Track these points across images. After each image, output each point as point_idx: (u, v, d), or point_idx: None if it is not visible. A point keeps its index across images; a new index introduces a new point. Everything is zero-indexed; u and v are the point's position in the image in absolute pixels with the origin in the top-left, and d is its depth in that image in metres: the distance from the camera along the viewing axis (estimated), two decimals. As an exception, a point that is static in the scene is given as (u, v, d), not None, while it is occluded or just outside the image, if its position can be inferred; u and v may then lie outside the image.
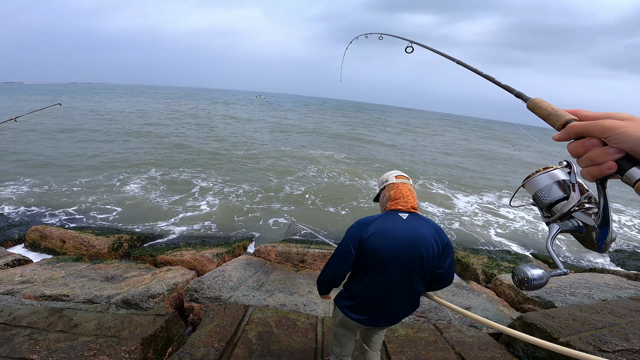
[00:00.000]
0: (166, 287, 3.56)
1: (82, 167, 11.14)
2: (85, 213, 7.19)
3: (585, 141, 0.52)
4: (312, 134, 25.84)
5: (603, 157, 0.50)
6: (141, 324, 2.67)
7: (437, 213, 9.97)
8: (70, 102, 38.09)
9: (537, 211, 0.79)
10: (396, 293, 1.69)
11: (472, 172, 17.16)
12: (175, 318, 3.12)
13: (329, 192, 10.84)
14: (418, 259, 1.62)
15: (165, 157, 13.63)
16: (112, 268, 3.99)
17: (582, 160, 0.53)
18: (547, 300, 3.65)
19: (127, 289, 3.43)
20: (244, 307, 3.08)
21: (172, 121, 26.45)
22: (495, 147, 32.37)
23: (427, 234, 1.64)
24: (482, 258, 5.71)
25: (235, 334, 2.78)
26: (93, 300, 3.16)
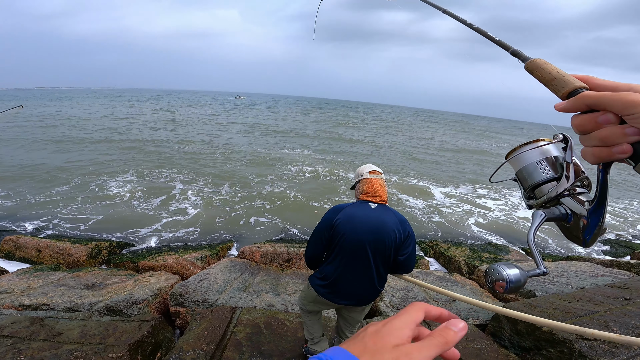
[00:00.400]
0: (150, 293, 3.56)
1: (52, 175, 10.78)
2: (60, 222, 7.00)
3: (597, 115, 0.44)
4: (289, 134, 26.00)
5: (618, 138, 0.43)
6: (127, 330, 2.68)
7: (418, 206, 10.33)
8: (35, 108, 36.70)
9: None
10: (361, 275, 1.92)
11: (448, 166, 17.73)
12: (162, 323, 3.14)
13: (310, 188, 11.08)
14: (381, 244, 1.86)
15: (140, 161, 13.39)
16: (92, 276, 3.94)
17: (589, 138, 0.46)
18: (529, 289, 3.87)
19: (109, 296, 3.41)
20: (231, 309, 3.13)
21: (145, 124, 25.82)
22: (470, 140, 33.47)
23: (390, 223, 1.88)
24: (464, 250, 5.94)
25: (224, 336, 2.83)
26: (74, 308, 3.12)
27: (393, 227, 1.87)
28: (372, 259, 1.89)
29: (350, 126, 36.77)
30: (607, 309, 3.14)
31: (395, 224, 1.89)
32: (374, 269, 1.91)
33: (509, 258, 5.74)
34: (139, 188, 9.77)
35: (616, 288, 3.50)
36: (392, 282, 4.25)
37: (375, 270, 1.92)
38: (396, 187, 12.03)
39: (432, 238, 7.45)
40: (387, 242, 1.86)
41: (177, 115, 36.61)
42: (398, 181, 13.04)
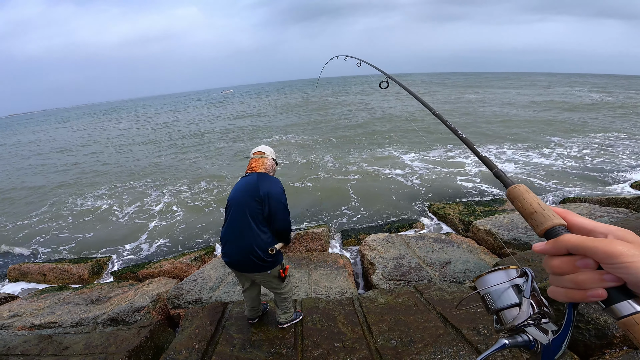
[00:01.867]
0: (150, 299, 4.10)
1: (29, 198, 11.74)
2: (53, 243, 7.72)
3: (576, 260, 0.49)
4: (268, 121, 26.40)
5: (595, 283, 0.47)
6: (126, 337, 3.20)
7: (397, 173, 10.66)
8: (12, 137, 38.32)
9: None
10: (240, 228, 2.60)
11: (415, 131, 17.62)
12: (161, 327, 3.66)
13: (289, 172, 11.67)
14: (244, 200, 2.60)
15: (117, 173, 14.21)
16: (95, 291, 4.54)
17: (563, 280, 0.51)
18: (524, 241, 4.06)
19: (111, 308, 3.97)
20: (222, 304, 3.58)
21: (122, 138, 26.44)
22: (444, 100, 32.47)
23: (252, 184, 2.61)
24: (457, 207, 6.14)
25: (216, 332, 3.28)
26: (80, 322, 3.68)
27: (252, 189, 2.58)
28: (244, 214, 2.59)
29: (326, 106, 36.07)
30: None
31: (256, 185, 2.59)
32: (249, 223, 2.58)
33: (504, 208, 5.87)
34: (119, 200, 10.48)
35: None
36: (385, 252, 4.58)
37: (250, 225, 2.58)
38: (370, 162, 12.39)
39: (424, 199, 7.63)
40: (246, 198, 2.59)
41: (157, 124, 36.93)
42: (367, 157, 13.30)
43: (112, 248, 7.25)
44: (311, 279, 4.38)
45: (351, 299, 3.73)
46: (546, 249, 0.53)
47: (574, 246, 0.49)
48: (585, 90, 40.58)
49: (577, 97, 31.71)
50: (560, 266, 0.51)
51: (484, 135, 15.72)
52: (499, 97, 32.06)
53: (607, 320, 2.38)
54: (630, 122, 18.03)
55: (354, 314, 3.42)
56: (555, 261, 0.52)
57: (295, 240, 5.30)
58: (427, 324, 3.13)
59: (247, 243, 2.59)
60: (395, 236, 5.09)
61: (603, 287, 0.47)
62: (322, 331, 3.20)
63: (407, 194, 8.76)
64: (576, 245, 0.49)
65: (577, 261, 0.49)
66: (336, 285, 4.18)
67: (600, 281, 0.47)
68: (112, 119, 47.27)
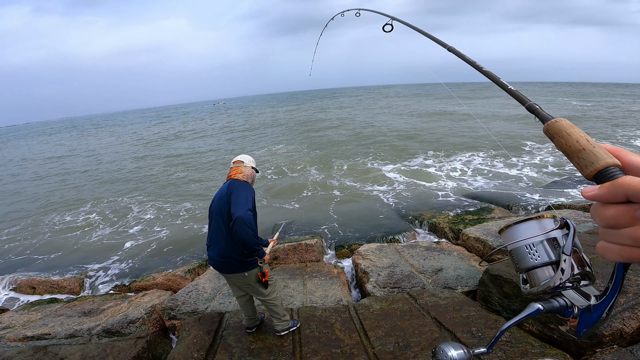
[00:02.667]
0: (144, 311, 4.09)
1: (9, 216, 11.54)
2: (40, 262, 7.53)
3: (636, 209, 0.40)
4: (257, 133, 26.71)
5: None
6: (123, 348, 3.20)
7: (380, 189, 10.84)
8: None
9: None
10: (218, 234, 2.79)
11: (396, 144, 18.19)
12: (158, 337, 3.66)
13: (279, 187, 11.86)
14: (219, 210, 2.75)
15: (103, 188, 14.11)
16: (87, 303, 4.49)
17: (619, 234, 0.43)
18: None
19: (105, 319, 3.94)
20: (219, 314, 3.62)
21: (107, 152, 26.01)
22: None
23: (224, 191, 2.76)
24: (447, 216, 6.35)
25: (214, 341, 3.31)
26: (74, 334, 3.66)
27: (226, 193, 2.74)
28: (221, 220, 2.75)
29: (316, 117, 36.84)
30: (590, 259, 3.43)
31: (229, 191, 2.73)
32: (222, 227, 2.75)
33: (492, 216, 6.09)
34: (104, 216, 10.37)
35: (596, 235, 3.85)
36: (378, 260, 4.69)
37: (224, 229, 2.75)
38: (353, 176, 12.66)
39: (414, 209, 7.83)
40: (222, 203, 2.74)
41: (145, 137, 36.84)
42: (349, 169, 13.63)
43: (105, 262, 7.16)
44: (306, 288, 4.44)
45: (347, 306, 3.81)
46: (600, 194, 0.44)
47: (635, 191, 0.40)
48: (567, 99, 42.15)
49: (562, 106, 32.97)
50: (617, 217, 0.42)
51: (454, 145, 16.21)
52: (482, 109, 33.06)
53: None
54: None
55: (350, 321, 3.50)
56: (610, 210, 0.43)
57: (289, 252, 5.37)
58: (423, 328, 3.23)
59: (224, 247, 2.79)
60: (387, 245, 5.21)
61: None
62: (319, 338, 3.27)
63: (397, 205, 8.97)
64: (638, 187, 0.40)
65: (638, 211, 0.40)
66: (331, 294, 4.26)
67: None
68: (105, 133, 46.61)
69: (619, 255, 0.43)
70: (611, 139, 16.42)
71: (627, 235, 0.41)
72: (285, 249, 5.33)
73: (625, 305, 2.61)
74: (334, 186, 11.24)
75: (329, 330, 3.38)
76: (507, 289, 3.37)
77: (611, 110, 27.79)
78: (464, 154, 14.28)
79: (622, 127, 19.18)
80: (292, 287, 4.48)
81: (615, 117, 23.51)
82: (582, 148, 0.49)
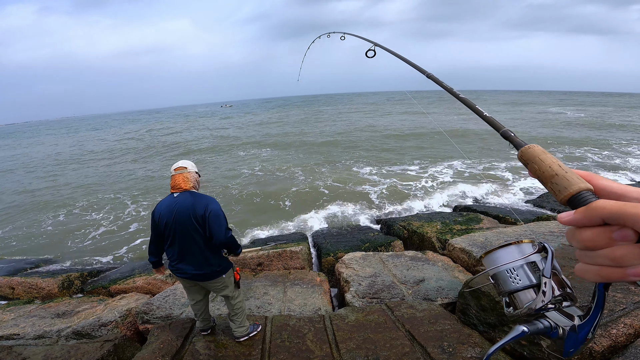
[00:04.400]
0: (118, 314, 4.05)
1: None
2: (24, 261, 7.61)
3: (612, 230, 0.42)
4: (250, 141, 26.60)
5: (636, 259, 0.40)
6: (88, 351, 3.17)
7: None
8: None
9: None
10: (190, 248, 2.70)
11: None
12: (127, 341, 3.62)
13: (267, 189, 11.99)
14: (182, 222, 2.63)
15: (91, 190, 14.20)
16: (63, 305, 4.47)
17: (597, 256, 0.44)
18: None
19: (77, 322, 3.91)
20: (191, 320, 3.57)
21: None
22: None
23: (188, 205, 2.62)
24: (435, 225, 6.28)
25: (182, 347, 3.27)
26: (43, 335, 3.63)
27: (190, 207, 2.62)
28: (179, 233, 2.67)
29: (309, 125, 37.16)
30: (567, 273, 3.38)
31: (192, 206, 2.62)
32: (194, 241, 2.68)
33: (480, 227, 6.00)
34: (94, 217, 10.45)
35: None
36: (361, 270, 4.63)
37: (191, 241, 2.68)
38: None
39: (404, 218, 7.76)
40: (186, 219, 2.62)
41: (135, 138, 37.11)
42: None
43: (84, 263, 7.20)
44: (286, 296, 4.39)
45: (323, 316, 3.75)
46: (576, 218, 0.45)
47: (611, 214, 0.41)
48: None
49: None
50: (594, 239, 0.43)
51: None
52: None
53: None
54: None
55: (323, 332, 3.44)
56: (587, 233, 0.44)
57: (274, 259, 5.33)
58: (394, 342, 3.17)
59: (201, 259, 2.75)
60: (372, 254, 5.15)
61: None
62: (289, 348, 3.21)
63: (385, 213, 9.01)
64: (615, 212, 0.41)
65: (615, 232, 0.42)
66: (310, 303, 4.20)
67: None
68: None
69: (598, 275, 0.44)
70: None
71: (605, 256, 0.43)
72: (269, 255, 5.29)
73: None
74: (323, 192, 11.28)
75: (300, 341, 3.33)
76: (484, 302, 3.32)
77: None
78: (452, 162, 14.36)
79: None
80: (272, 295, 4.43)
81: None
82: (555, 174, 0.51)
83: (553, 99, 77.36)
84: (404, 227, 6.57)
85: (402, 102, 67.73)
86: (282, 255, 5.35)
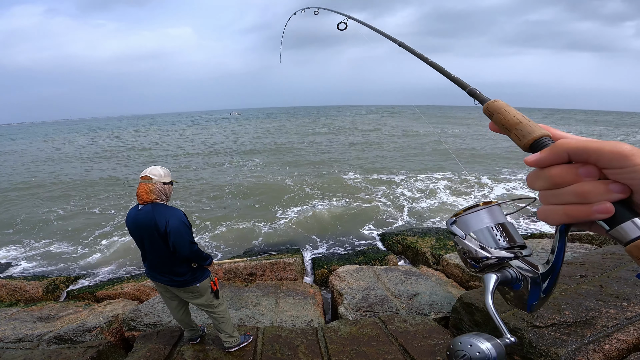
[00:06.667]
0: (104, 320, 3.90)
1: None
2: (9, 266, 7.34)
3: (578, 167, 0.43)
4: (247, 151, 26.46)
5: (601, 194, 0.41)
6: (70, 356, 3.02)
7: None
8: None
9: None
10: (159, 258, 2.65)
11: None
12: (111, 348, 3.48)
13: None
14: (148, 235, 2.57)
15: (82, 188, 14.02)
16: (46, 309, 4.29)
17: (563, 194, 0.44)
18: None
19: (60, 326, 3.74)
20: (179, 328, 3.45)
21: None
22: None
23: (149, 219, 2.52)
24: (429, 240, 6.27)
25: (170, 356, 3.14)
26: (24, 339, 3.46)
27: (151, 221, 2.52)
28: (150, 245, 2.61)
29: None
30: (561, 289, 3.37)
31: (153, 219, 2.52)
32: (161, 253, 2.61)
33: None
34: (81, 218, 10.25)
35: (573, 265, 3.75)
36: (355, 283, 4.56)
37: (163, 254, 2.61)
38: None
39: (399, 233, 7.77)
40: (149, 234, 2.55)
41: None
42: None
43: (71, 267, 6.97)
44: (278, 307, 4.29)
45: (315, 328, 3.66)
46: (544, 156, 0.46)
47: (577, 148, 0.43)
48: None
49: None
50: (560, 174, 0.44)
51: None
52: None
53: (558, 353, 2.42)
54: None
55: (316, 344, 3.35)
56: (555, 169, 0.45)
57: (267, 269, 5.23)
58: (388, 356, 3.10)
59: (170, 270, 2.69)
60: (366, 268, 5.09)
61: (610, 199, 0.41)
62: (280, 360, 3.12)
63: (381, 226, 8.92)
64: (580, 147, 0.42)
65: (580, 168, 0.43)
66: (303, 315, 4.11)
67: (606, 192, 0.41)
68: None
69: (564, 214, 0.44)
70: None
71: (572, 192, 0.43)
72: (262, 265, 5.20)
73: (592, 337, 2.52)
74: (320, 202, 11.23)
75: (292, 353, 3.23)
76: (478, 318, 3.28)
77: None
78: (447, 176, 14.47)
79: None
80: (264, 305, 4.33)
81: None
82: (519, 122, 0.54)
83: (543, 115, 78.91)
84: (398, 242, 6.53)
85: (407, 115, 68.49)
86: (275, 265, 5.27)
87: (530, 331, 2.71)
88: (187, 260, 2.67)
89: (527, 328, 2.76)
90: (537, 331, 2.69)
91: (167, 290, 2.89)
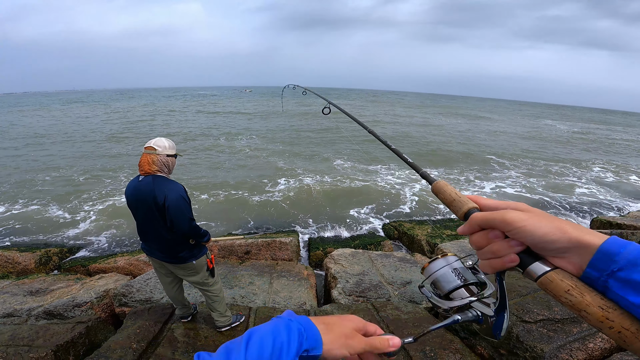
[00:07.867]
0: (95, 295, 3.86)
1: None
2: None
3: (488, 233, 0.56)
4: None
5: (506, 250, 0.54)
6: (57, 332, 2.97)
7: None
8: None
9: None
10: (155, 231, 2.58)
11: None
12: (101, 324, 3.44)
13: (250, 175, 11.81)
14: (145, 208, 2.50)
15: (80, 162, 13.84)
16: (37, 282, 4.24)
17: (484, 252, 0.58)
18: None
19: (50, 301, 3.70)
20: (171, 306, 3.40)
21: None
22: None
23: (148, 191, 2.44)
24: (426, 229, 6.25)
25: (160, 333, 3.10)
26: (12, 314, 3.41)
27: (150, 193, 2.44)
28: (142, 217, 2.56)
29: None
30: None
31: (152, 192, 2.44)
32: (157, 226, 2.54)
33: None
34: (74, 191, 10.05)
35: None
36: (349, 267, 4.51)
37: (153, 226, 2.55)
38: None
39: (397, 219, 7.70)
40: (147, 207, 2.47)
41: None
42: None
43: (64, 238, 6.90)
44: (272, 287, 4.25)
45: (308, 311, 3.62)
46: (464, 228, 0.61)
47: (480, 221, 0.57)
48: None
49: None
50: (478, 240, 0.58)
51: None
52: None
53: (543, 349, 2.39)
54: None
55: (307, 327, 3.31)
56: (474, 237, 0.59)
57: (262, 248, 5.17)
58: (379, 342, 3.05)
59: (167, 245, 2.62)
60: (362, 252, 5.04)
61: (513, 252, 0.54)
62: (271, 342, 3.07)
63: (379, 212, 8.84)
64: (482, 219, 0.57)
65: (489, 233, 0.56)
66: (296, 297, 4.07)
67: (509, 247, 0.54)
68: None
69: (489, 267, 0.58)
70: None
71: (489, 251, 0.57)
72: (258, 244, 5.12)
73: (577, 335, 2.51)
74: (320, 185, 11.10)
75: (283, 335, 3.19)
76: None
77: None
78: (451, 174, 14.32)
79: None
80: (258, 285, 4.29)
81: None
82: (453, 199, 0.68)
83: (549, 111, 77.89)
84: (395, 227, 6.48)
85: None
86: (271, 245, 5.20)
87: (519, 326, 2.70)
88: (184, 236, 2.60)
89: (516, 322, 2.76)
90: (525, 326, 2.69)
91: (162, 266, 2.82)
